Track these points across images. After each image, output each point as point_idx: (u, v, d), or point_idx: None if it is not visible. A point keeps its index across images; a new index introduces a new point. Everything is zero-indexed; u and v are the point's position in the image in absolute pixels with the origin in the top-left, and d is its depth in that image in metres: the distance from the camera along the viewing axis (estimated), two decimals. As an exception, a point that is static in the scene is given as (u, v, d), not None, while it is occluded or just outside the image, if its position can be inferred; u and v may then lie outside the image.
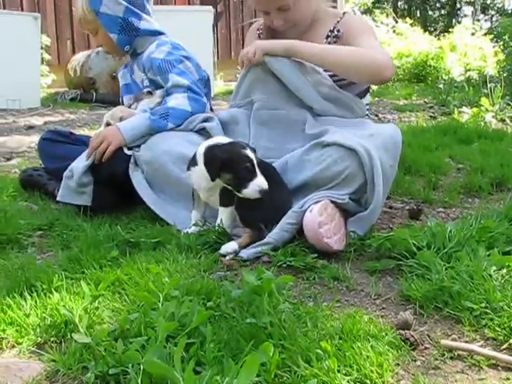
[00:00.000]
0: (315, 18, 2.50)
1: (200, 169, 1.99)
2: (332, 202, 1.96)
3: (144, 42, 2.77)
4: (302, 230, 1.91)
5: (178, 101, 2.52)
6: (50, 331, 1.44)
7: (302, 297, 1.62)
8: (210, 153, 1.96)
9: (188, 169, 2.09)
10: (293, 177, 2.10)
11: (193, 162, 2.05)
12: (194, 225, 2.11)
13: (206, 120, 2.49)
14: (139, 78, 2.82)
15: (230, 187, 1.97)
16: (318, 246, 1.89)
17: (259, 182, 1.89)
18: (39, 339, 1.42)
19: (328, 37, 2.45)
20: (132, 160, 2.42)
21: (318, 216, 1.86)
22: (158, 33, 2.80)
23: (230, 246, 1.92)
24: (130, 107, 2.73)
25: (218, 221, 2.04)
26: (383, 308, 1.59)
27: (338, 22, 2.47)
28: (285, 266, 1.82)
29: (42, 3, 8.91)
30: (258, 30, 2.66)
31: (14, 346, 1.42)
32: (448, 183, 2.89)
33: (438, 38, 11.12)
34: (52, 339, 1.42)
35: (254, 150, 1.98)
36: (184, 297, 1.46)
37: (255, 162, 1.91)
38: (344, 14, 2.52)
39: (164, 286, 1.49)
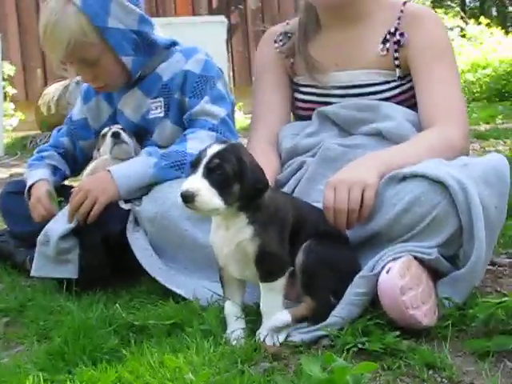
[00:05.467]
0: (366, 11, 2.47)
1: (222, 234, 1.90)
2: (416, 258, 1.91)
3: (155, 59, 2.62)
4: (377, 299, 1.85)
5: (202, 144, 2.35)
6: None
7: (385, 394, 1.57)
8: None
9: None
10: (359, 227, 2.04)
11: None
12: (232, 328, 1.94)
13: None
14: (138, 108, 2.66)
15: None
16: (401, 321, 1.83)
17: (186, 181, 1.77)
18: None
19: (386, 41, 2.42)
20: (131, 217, 2.42)
21: (399, 278, 1.81)
22: (173, 44, 2.69)
23: (280, 318, 1.85)
24: None
25: (262, 306, 1.91)
26: (506, 409, 1.53)
27: (400, 18, 2.42)
28: (355, 350, 1.76)
29: (1, 21, 9.08)
30: (275, 36, 2.61)
31: None
32: None
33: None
34: None
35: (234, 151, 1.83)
36: (218, 400, 1.41)
37: (207, 159, 1.77)
38: (404, 3, 2.46)
39: (188, 385, 1.45)
